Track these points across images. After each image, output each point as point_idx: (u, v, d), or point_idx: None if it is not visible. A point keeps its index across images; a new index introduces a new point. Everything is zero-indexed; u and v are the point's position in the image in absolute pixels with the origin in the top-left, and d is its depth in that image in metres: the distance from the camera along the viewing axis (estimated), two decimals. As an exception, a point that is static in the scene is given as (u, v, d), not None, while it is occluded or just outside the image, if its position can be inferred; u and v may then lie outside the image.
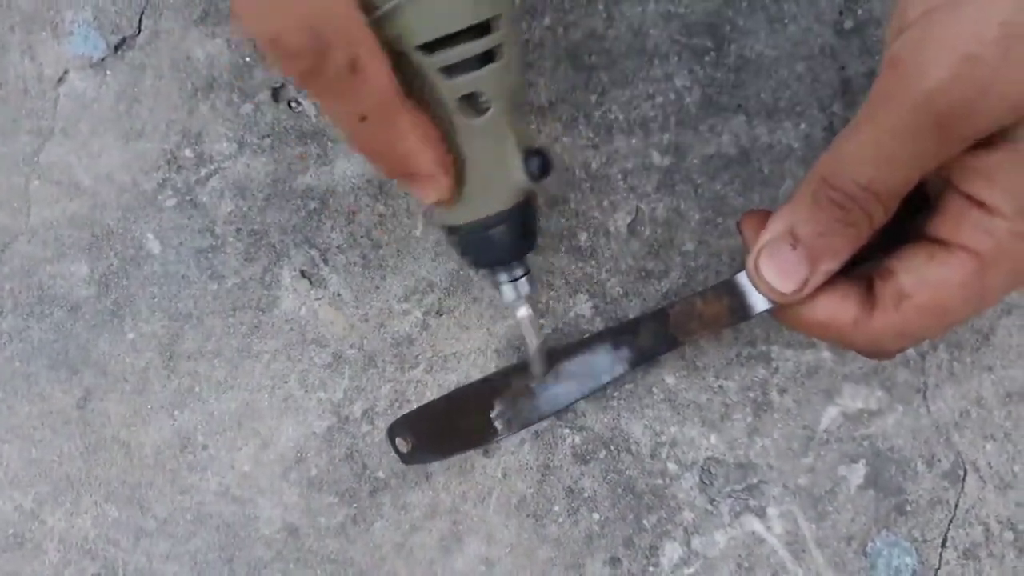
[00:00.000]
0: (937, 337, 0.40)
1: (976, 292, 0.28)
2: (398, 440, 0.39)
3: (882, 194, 0.27)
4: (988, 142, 0.26)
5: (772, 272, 0.30)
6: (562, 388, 0.38)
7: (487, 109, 0.30)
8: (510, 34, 0.30)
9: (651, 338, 0.37)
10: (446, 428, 0.39)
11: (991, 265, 0.27)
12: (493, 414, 0.38)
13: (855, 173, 0.27)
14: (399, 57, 0.29)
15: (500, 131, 0.31)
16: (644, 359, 0.37)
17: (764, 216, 0.31)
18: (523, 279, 0.35)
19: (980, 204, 0.27)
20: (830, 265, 0.29)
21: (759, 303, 0.33)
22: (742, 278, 0.33)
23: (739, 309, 0.34)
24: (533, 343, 0.37)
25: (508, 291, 0.35)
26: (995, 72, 0.24)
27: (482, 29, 0.29)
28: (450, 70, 0.29)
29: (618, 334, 0.37)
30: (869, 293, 0.30)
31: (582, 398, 0.38)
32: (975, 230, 0.27)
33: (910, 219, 0.30)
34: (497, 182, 0.32)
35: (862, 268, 0.30)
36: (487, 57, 0.30)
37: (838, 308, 0.30)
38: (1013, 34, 0.24)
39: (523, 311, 0.36)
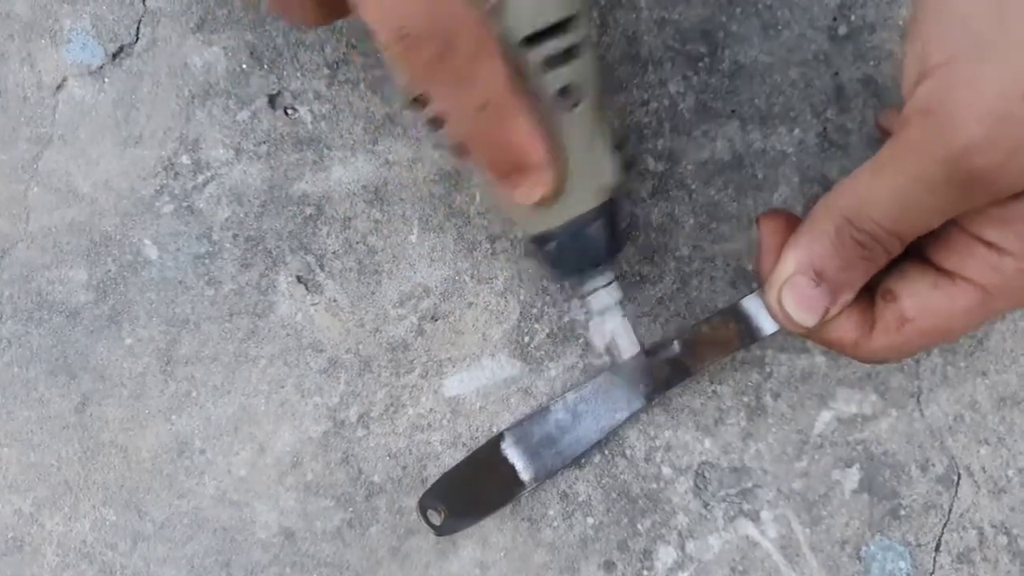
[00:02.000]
0: (933, 348, 0.41)
1: (979, 318, 0.29)
2: (429, 512, 0.39)
3: (904, 236, 0.28)
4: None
5: (795, 307, 0.30)
6: (582, 430, 0.38)
7: (579, 103, 0.31)
8: (588, 30, 0.31)
9: (665, 369, 0.37)
10: (475, 491, 0.39)
11: (996, 297, 0.28)
12: (519, 467, 0.38)
13: (880, 216, 0.27)
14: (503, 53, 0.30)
15: (593, 125, 0.32)
16: (659, 391, 0.37)
17: (784, 221, 0.31)
18: (614, 284, 0.36)
19: (988, 244, 0.27)
20: (848, 296, 0.30)
21: (767, 326, 0.33)
22: (748, 303, 0.34)
23: (747, 333, 0.34)
24: (632, 350, 0.37)
25: (604, 296, 0.36)
26: None
27: (568, 24, 0.30)
28: (547, 63, 0.30)
29: (631, 369, 0.37)
30: (869, 311, 0.30)
31: (602, 438, 0.38)
32: (982, 266, 0.28)
33: None
34: (592, 177, 0.33)
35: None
36: (572, 53, 0.31)
37: (841, 328, 0.31)
38: None
39: (618, 317, 0.36)
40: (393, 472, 0.41)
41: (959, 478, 0.41)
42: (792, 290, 0.30)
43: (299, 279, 0.41)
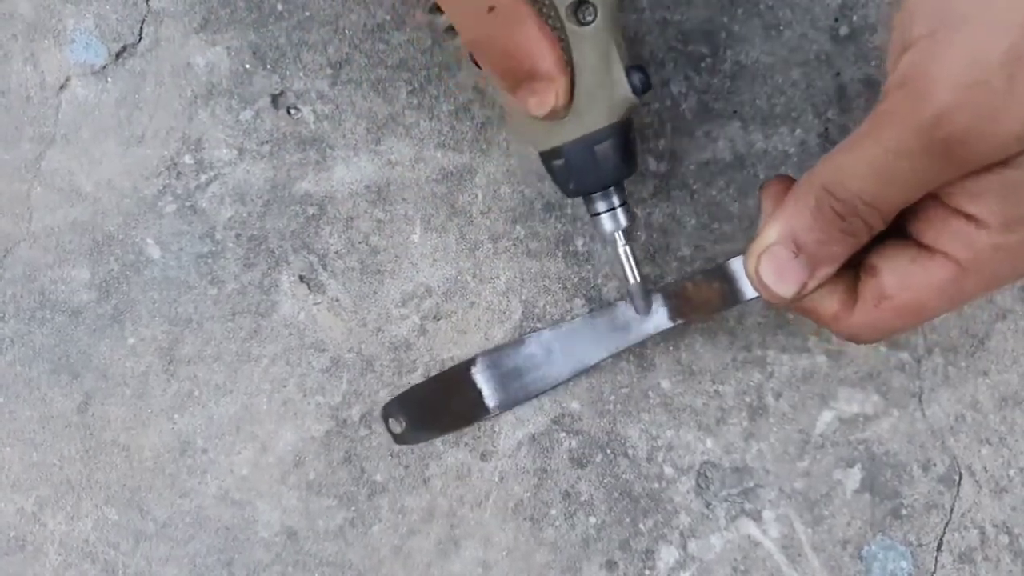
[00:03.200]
0: (908, 331, 0.41)
1: (952, 296, 0.29)
2: (391, 421, 0.40)
3: (883, 209, 0.27)
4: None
5: (772, 277, 0.30)
6: (553, 368, 0.39)
7: (592, 21, 0.32)
8: None
9: (639, 320, 0.37)
10: (438, 408, 0.40)
11: (969, 273, 0.28)
12: (485, 393, 0.39)
13: (859, 188, 0.27)
14: None
15: (605, 42, 0.32)
16: (631, 341, 0.37)
17: (785, 186, 0.31)
18: (622, 208, 0.35)
19: (965, 215, 0.27)
20: (828, 270, 0.29)
21: (750, 290, 0.33)
22: (736, 264, 0.33)
23: (730, 294, 0.34)
24: (632, 278, 0.37)
25: (607, 221, 0.35)
26: (1002, 100, 0.24)
27: None
28: None
29: (605, 315, 0.38)
30: (853, 287, 0.30)
31: (569, 379, 0.38)
32: (956, 239, 0.28)
33: None
34: (604, 94, 0.33)
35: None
36: None
37: (822, 302, 0.31)
38: (1019, 60, 0.24)
39: (621, 243, 0.36)
40: (395, 471, 0.41)
41: (960, 478, 0.41)
42: (770, 260, 0.30)
43: (302, 279, 0.41)
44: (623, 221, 0.36)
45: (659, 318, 0.36)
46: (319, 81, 0.41)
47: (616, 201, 0.35)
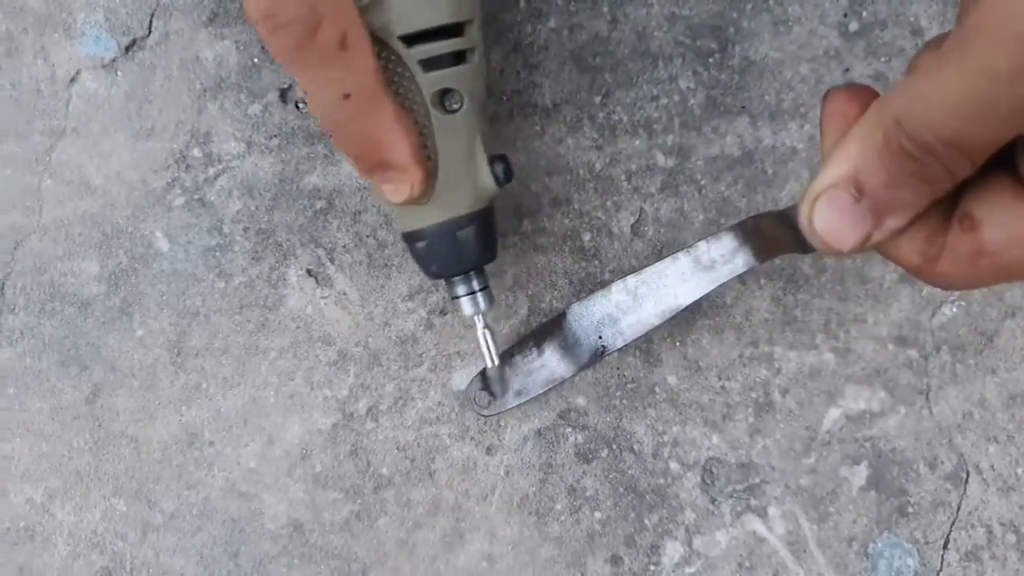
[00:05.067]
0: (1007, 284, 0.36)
1: None
2: (477, 396, 0.40)
3: (970, 149, 0.22)
4: None
5: (829, 225, 0.24)
6: (643, 312, 0.37)
7: (458, 109, 0.32)
8: (480, 40, 0.32)
9: (724, 260, 0.34)
10: (528, 369, 0.39)
11: None
12: (584, 344, 0.39)
13: (936, 124, 0.22)
14: (381, 47, 0.30)
15: (471, 131, 0.33)
16: (717, 281, 0.35)
17: (854, 105, 0.25)
18: (482, 292, 0.36)
19: None
20: (898, 222, 0.24)
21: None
22: (795, 211, 0.28)
23: (799, 242, 0.29)
24: (490, 361, 0.37)
25: (467, 304, 0.36)
26: None
27: (457, 30, 0.31)
28: (428, 64, 0.31)
29: (688, 256, 0.35)
30: (939, 235, 0.25)
31: (664, 322, 0.37)
32: None
33: None
34: (466, 182, 0.33)
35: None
36: (460, 58, 0.32)
37: (899, 249, 0.25)
38: None
39: (481, 326, 0.37)
40: (401, 465, 0.41)
41: (968, 476, 0.41)
42: (828, 205, 0.24)
43: (309, 272, 0.41)
44: (482, 305, 0.36)
45: (744, 256, 0.34)
46: (327, 75, 0.41)
47: (476, 285, 0.36)
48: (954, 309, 0.41)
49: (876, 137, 0.23)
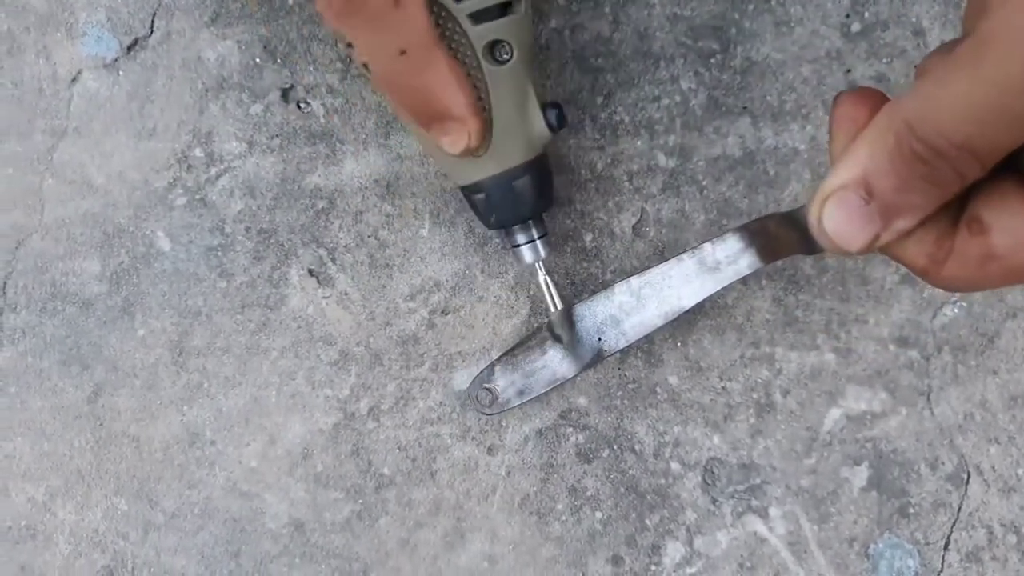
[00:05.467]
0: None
1: None
2: (479, 395, 0.40)
3: (981, 153, 0.22)
4: None
5: (838, 226, 0.25)
6: (646, 314, 0.37)
7: (508, 60, 0.32)
8: None
9: (729, 261, 0.34)
10: (528, 370, 0.40)
11: None
12: (585, 345, 0.39)
13: (948, 128, 0.22)
14: (430, 3, 0.30)
15: (522, 81, 0.33)
16: (721, 283, 0.35)
17: (863, 109, 0.25)
18: (541, 240, 0.37)
19: None
20: (906, 223, 0.24)
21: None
22: (804, 212, 0.29)
23: (807, 243, 0.29)
24: (554, 306, 0.38)
25: (527, 252, 0.37)
26: None
27: None
28: (477, 16, 0.31)
29: (693, 258, 0.35)
30: (947, 237, 0.25)
31: (665, 322, 0.37)
32: None
33: None
34: (520, 132, 0.34)
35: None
36: (506, 9, 0.32)
37: (906, 252, 0.26)
38: None
39: (542, 274, 0.37)
40: (403, 464, 0.41)
41: (969, 477, 0.41)
42: (837, 206, 0.25)
43: (311, 272, 0.41)
44: (542, 252, 0.37)
45: (749, 258, 0.34)
46: (329, 75, 0.41)
47: (535, 233, 0.36)
48: (955, 310, 0.41)
49: (887, 140, 0.23)
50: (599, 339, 0.39)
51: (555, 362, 0.39)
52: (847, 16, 0.41)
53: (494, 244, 0.41)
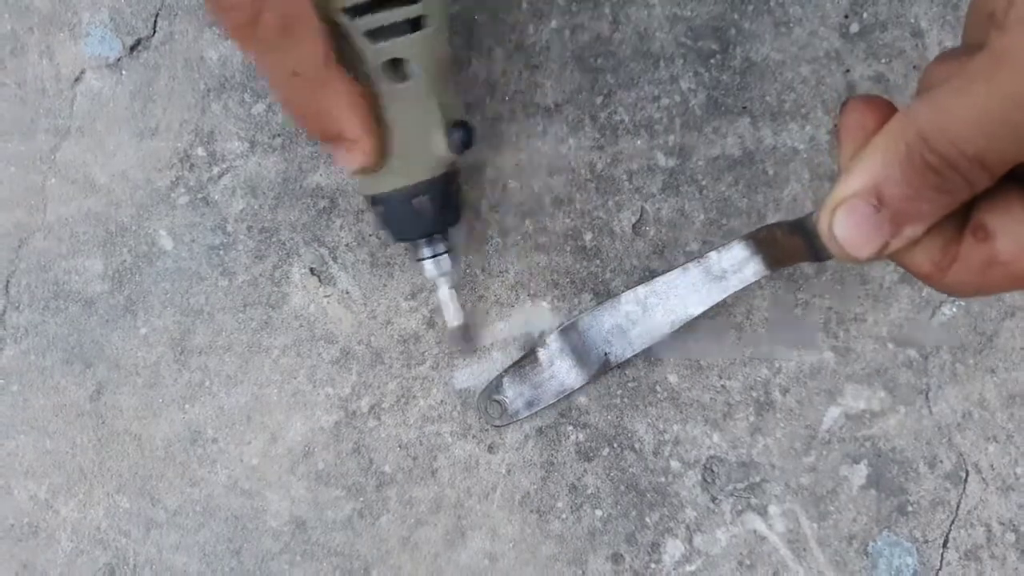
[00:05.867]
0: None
1: None
2: (489, 408, 0.40)
3: (992, 164, 0.23)
4: None
5: (848, 234, 0.25)
6: (653, 322, 0.37)
7: (408, 78, 0.32)
8: (437, 7, 0.31)
9: (734, 270, 0.34)
10: (535, 382, 0.40)
11: None
12: (608, 351, 0.39)
13: (962, 140, 0.22)
14: (329, 22, 0.30)
15: (424, 99, 0.32)
16: (728, 291, 0.35)
17: (873, 117, 0.26)
18: (444, 255, 0.37)
19: None
20: (915, 231, 0.25)
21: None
22: (812, 221, 0.28)
23: (813, 252, 0.30)
24: (453, 322, 0.38)
25: (429, 267, 0.37)
26: None
27: None
28: (375, 34, 0.31)
29: (699, 267, 0.35)
30: (952, 243, 0.25)
31: (672, 331, 0.37)
32: None
33: None
34: (420, 151, 0.33)
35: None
36: (414, 25, 0.31)
37: (912, 258, 0.26)
38: None
39: (444, 288, 0.38)
40: (404, 463, 0.41)
41: (967, 475, 0.41)
42: (847, 214, 0.25)
43: (312, 271, 0.42)
44: (445, 267, 0.37)
45: (755, 266, 0.34)
46: (331, 75, 0.41)
47: (440, 248, 0.37)
48: (954, 309, 0.41)
49: (899, 150, 0.24)
50: (606, 351, 0.39)
51: (562, 373, 0.40)
52: (846, 17, 0.41)
53: (494, 243, 0.41)
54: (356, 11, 0.30)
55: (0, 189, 0.42)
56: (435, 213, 0.35)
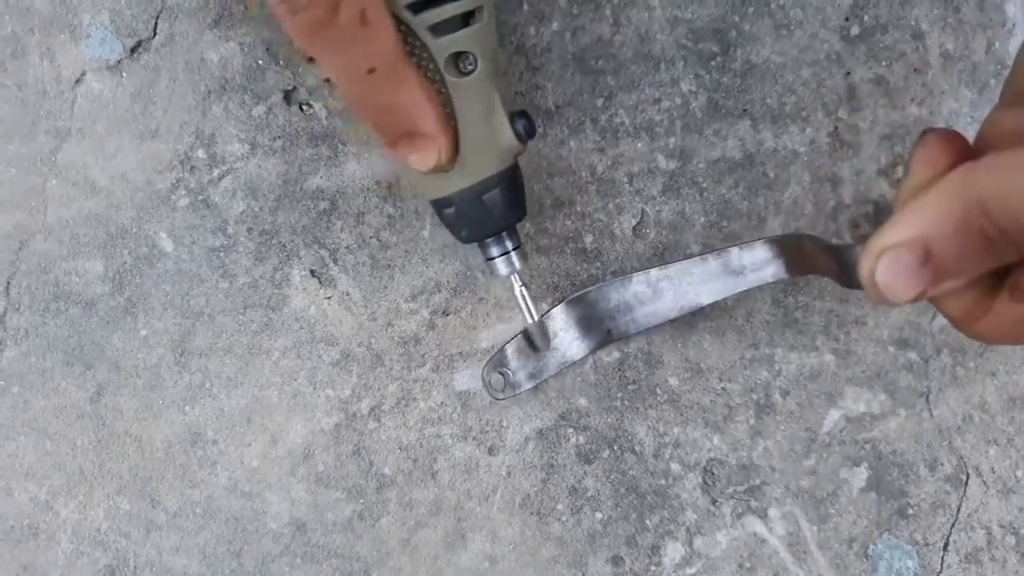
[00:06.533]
0: None
1: None
2: (494, 378, 0.40)
3: None
4: None
5: (887, 280, 0.25)
6: (661, 305, 0.38)
7: (472, 71, 0.32)
8: None
9: (754, 268, 0.35)
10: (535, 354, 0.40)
11: None
12: (611, 327, 0.39)
13: (1020, 215, 0.23)
14: (393, 19, 0.30)
15: (487, 91, 0.32)
16: (742, 287, 0.35)
17: (947, 154, 0.26)
18: (514, 252, 0.36)
19: None
20: (955, 285, 0.25)
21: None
22: (853, 253, 0.28)
23: (843, 276, 0.30)
24: (530, 318, 0.38)
25: (502, 265, 0.36)
26: None
27: None
28: (437, 29, 0.31)
29: (719, 259, 0.35)
30: (987, 296, 0.26)
31: (679, 315, 0.37)
32: None
33: None
34: (488, 144, 0.33)
35: None
36: (469, 19, 0.31)
37: (945, 303, 0.27)
38: None
39: (518, 286, 0.37)
40: (404, 465, 0.41)
41: (968, 478, 0.41)
42: (892, 262, 0.25)
43: (312, 273, 0.42)
44: (516, 264, 0.36)
45: (776, 268, 0.34)
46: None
47: (509, 245, 0.36)
48: (954, 312, 0.41)
49: (955, 211, 0.24)
50: (609, 326, 0.39)
51: (564, 344, 0.40)
52: (846, 19, 0.41)
53: (495, 245, 0.41)
54: (419, 6, 0.30)
55: (1, 191, 0.42)
56: (507, 208, 0.34)
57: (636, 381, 0.41)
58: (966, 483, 0.41)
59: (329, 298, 0.42)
